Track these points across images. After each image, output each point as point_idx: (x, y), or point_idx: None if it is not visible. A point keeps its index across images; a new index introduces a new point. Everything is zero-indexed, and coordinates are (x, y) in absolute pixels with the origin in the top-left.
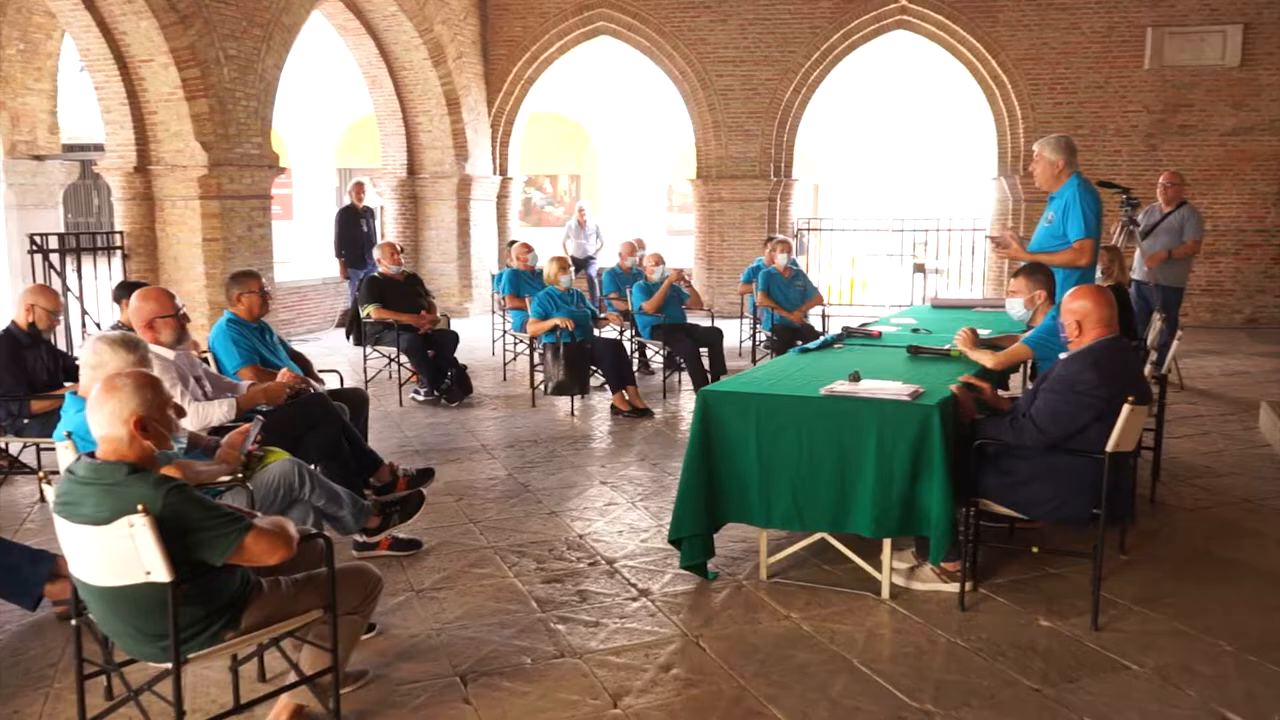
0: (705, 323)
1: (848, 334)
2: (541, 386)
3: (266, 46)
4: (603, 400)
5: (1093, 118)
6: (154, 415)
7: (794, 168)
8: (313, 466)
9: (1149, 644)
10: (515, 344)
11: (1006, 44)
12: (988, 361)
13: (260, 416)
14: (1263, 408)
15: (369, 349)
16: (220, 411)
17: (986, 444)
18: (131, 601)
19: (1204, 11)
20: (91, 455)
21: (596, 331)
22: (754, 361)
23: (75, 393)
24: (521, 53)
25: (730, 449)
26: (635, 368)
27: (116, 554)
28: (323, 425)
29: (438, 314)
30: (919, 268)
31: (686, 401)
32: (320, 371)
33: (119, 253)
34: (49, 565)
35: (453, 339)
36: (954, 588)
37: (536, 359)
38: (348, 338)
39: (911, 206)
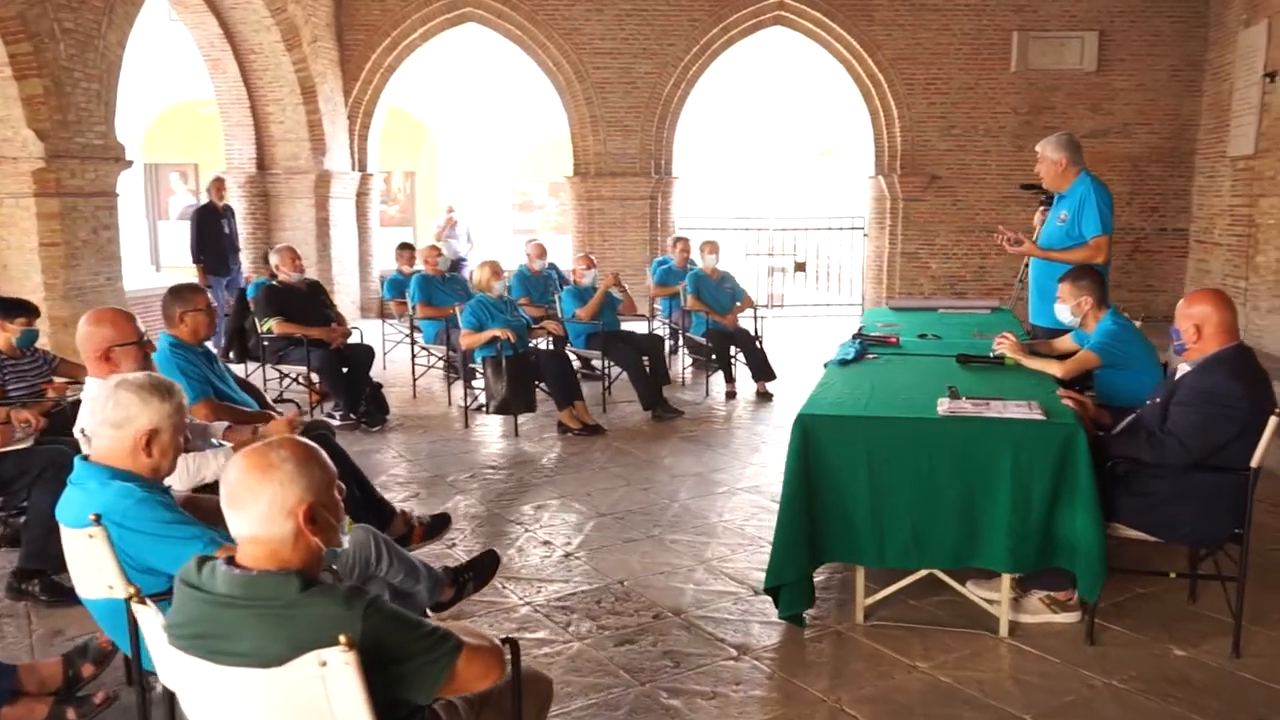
0: (635, 327)
1: (865, 340)
2: (483, 405)
3: (108, 20)
4: (541, 419)
5: (964, 118)
6: (325, 500)
7: (674, 164)
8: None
9: None
10: (429, 359)
11: (882, 43)
12: (1057, 371)
13: None
14: None
15: (270, 368)
16: (216, 464)
17: (1118, 463)
18: None
19: (1064, 18)
20: (231, 562)
21: (531, 342)
22: (682, 370)
23: (85, 457)
24: (381, 39)
25: (835, 480)
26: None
27: (297, 706)
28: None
29: (348, 326)
30: (799, 267)
31: (629, 414)
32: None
33: None
34: (7, 682)
35: (368, 354)
36: (1066, 618)
37: (462, 374)
38: (227, 355)
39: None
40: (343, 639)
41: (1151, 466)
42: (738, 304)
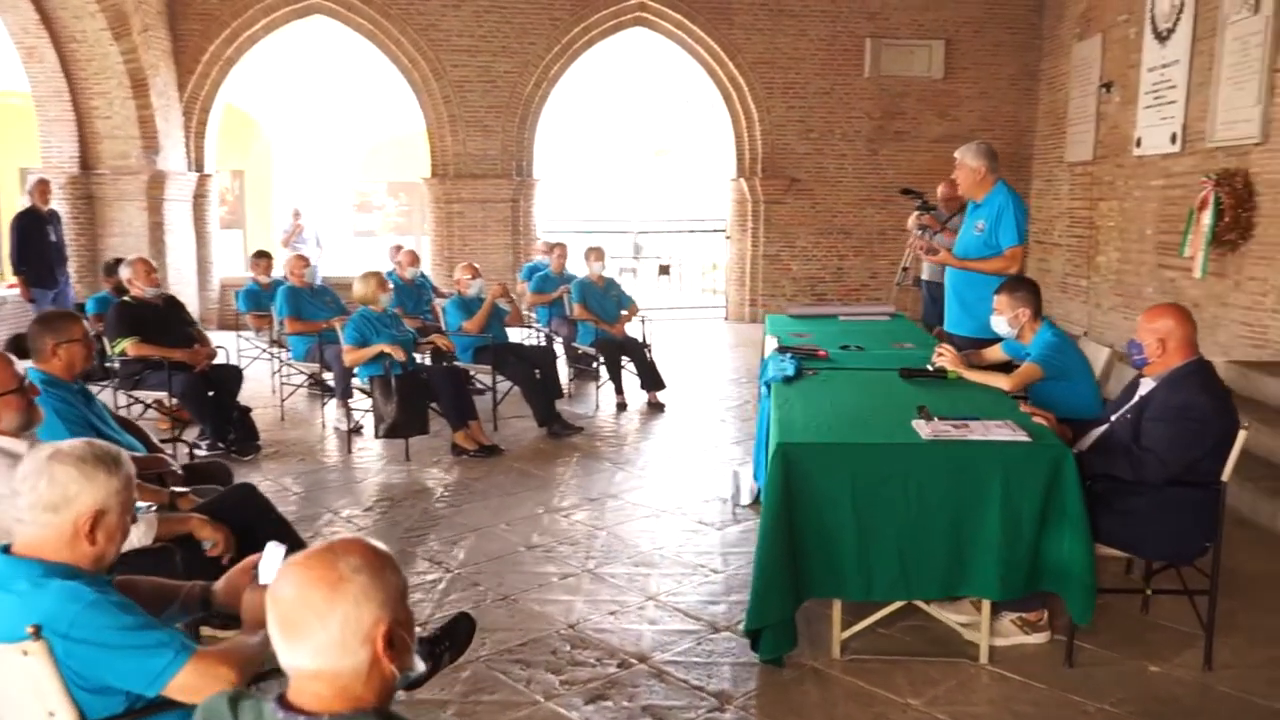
0: (518, 337)
1: (793, 353)
2: (360, 427)
3: None
4: (431, 440)
5: (822, 122)
6: (402, 616)
7: (535, 166)
8: None
9: (1273, 678)
10: (286, 372)
11: (742, 46)
12: (1003, 384)
13: (277, 543)
14: None
15: (124, 394)
16: (136, 534)
17: (1097, 481)
18: None
19: (913, 26)
20: (285, 705)
21: (418, 358)
22: (569, 381)
23: (5, 549)
24: (220, 29)
25: (819, 512)
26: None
27: None
28: (264, 522)
29: (212, 345)
30: (664, 270)
31: (523, 432)
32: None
33: None
34: None
35: (235, 376)
36: (1037, 639)
37: (339, 394)
38: None
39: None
40: None
41: (1129, 484)
42: (624, 312)
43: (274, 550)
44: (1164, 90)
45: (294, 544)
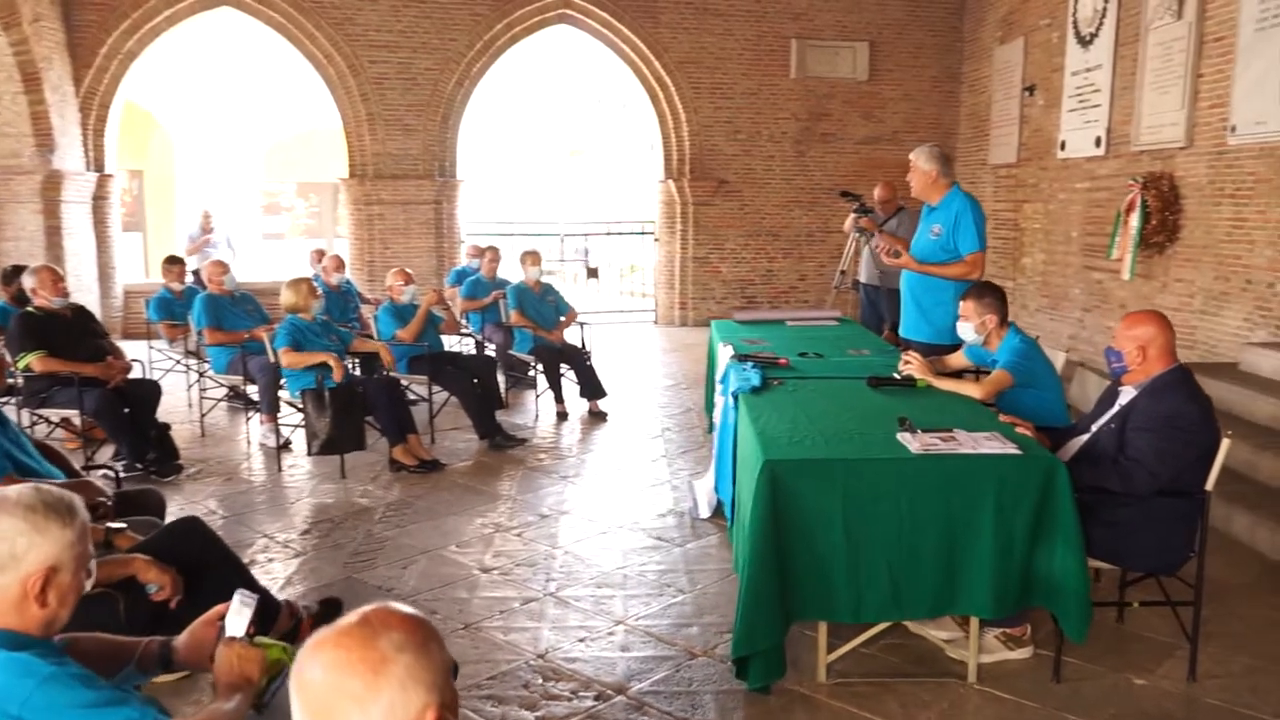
0: (452, 344)
1: (754, 361)
2: (289, 442)
3: None
4: (367, 456)
5: (749, 123)
6: (449, 697)
7: (459, 167)
8: None
9: (1254, 686)
10: (221, 393)
11: (669, 46)
12: (974, 392)
13: (245, 592)
14: None
15: (29, 412)
16: None
17: (1084, 493)
18: None
19: (837, 28)
20: None
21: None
22: (505, 390)
23: None
24: (119, 20)
25: (809, 531)
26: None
27: None
28: (214, 560)
29: (127, 359)
30: (592, 273)
31: (463, 444)
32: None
33: None
34: None
35: (152, 391)
36: (1021, 654)
37: (265, 407)
38: None
39: (574, 211)
40: None
41: (1115, 495)
42: (563, 318)
43: (242, 601)
44: (1088, 94)
45: (248, 585)
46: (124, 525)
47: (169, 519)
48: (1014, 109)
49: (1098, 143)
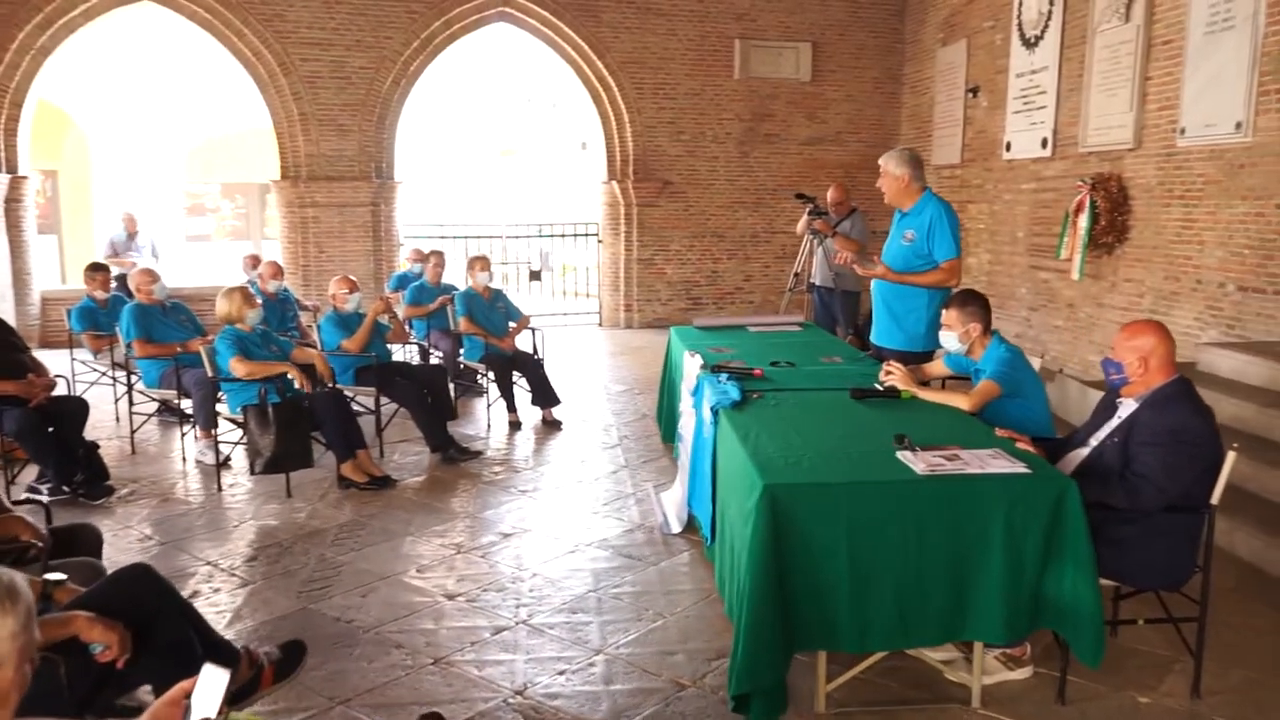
0: (396, 352)
1: (728, 373)
2: (228, 460)
3: None
4: (314, 473)
5: (693, 124)
6: None
7: (396, 168)
8: None
9: (1258, 701)
10: (153, 407)
11: (611, 45)
12: (963, 404)
13: (214, 665)
14: None
15: None
16: None
17: (1088, 510)
18: None
19: (780, 28)
20: None
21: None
22: (455, 401)
23: None
24: (31, 14)
25: (811, 558)
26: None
27: None
28: (163, 610)
29: (50, 375)
30: (535, 275)
31: (414, 458)
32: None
33: None
34: None
35: (79, 409)
36: (1021, 674)
37: (200, 422)
38: None
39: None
40: None
41: (1120, 511)
42: (513, 325)
43: (212, 676)
44: (1033, 96)
45: (203, 636)
46: (64, 577)
47: (106, 550)
48: (957, 110)
49: (1044, 144)
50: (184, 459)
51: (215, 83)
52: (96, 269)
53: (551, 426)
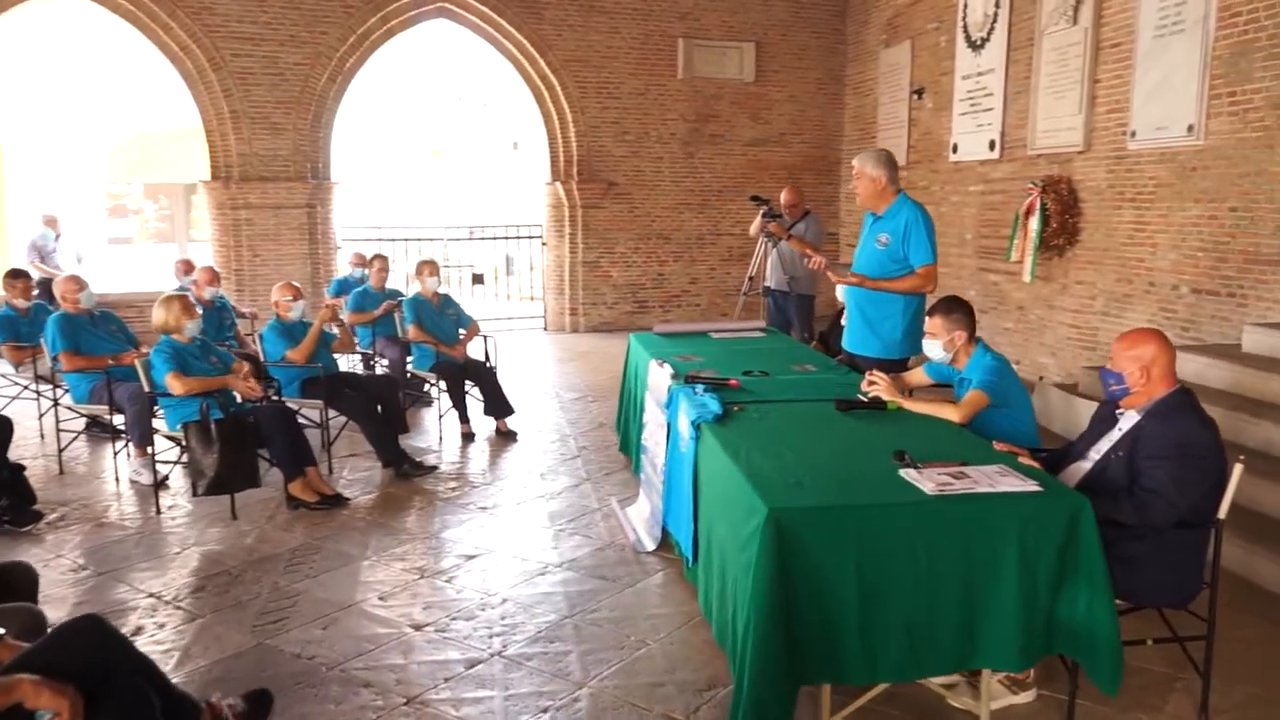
0: (341, 362)
1: (703, 384)
2: (165, 480)
3: None
4: (261, 492)
5: (637, 124)
6: None
7: (333, 168)
8: None
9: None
10: (81, 424)
11: (554, 43)
12: (952, 415)
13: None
14: None
15: None
16: None
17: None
18: None
19: (723, 28)
20: None
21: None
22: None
23: None
24: None
25: (818, 586)
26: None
27: None
28: (118, 666)
29: None
30: (478, 279)
31: (365, 474)
32: None
33: None
34: None
35: (3, 427)
36: (1025, 698)
37: (134, 439)
38: None
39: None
40: None
41: (1129, 528)
42: (463, 332)
43: None
44: (980, 97)
45: (161, 691)
46: (2, 632)
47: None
48: (902, 112)
49: (991, 146)
50: (117, 479)
51: (139, 78)
52: (16, 275)
53: (506, 438)
